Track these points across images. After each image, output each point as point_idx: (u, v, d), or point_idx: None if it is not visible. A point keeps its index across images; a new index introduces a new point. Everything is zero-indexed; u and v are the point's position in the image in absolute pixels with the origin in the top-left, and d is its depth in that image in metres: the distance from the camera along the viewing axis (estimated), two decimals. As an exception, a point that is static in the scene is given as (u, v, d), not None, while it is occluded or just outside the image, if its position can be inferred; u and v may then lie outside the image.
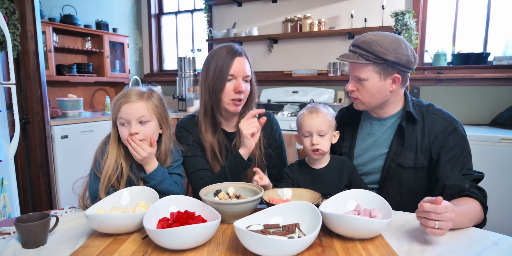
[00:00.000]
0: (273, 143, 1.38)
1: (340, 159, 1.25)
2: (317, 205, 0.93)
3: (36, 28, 2.52)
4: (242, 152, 1.19)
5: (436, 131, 1.17)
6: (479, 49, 2.89)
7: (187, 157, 1.30)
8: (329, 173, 1.22)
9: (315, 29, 3.30)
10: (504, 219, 2.15)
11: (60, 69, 3.37)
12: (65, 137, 2.86)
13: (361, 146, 1.30)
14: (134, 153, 1.11)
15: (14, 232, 0.96)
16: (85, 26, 3.61)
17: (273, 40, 3.62)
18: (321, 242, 0.87)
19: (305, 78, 3.44)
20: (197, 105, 3.69)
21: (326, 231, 0.92)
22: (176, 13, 4.40)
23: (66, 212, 1.14)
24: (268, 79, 3.63)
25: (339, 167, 1.22)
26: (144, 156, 1.11)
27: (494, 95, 2.74)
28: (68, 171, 2.84)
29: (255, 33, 3.61)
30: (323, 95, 3.33)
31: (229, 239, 0.90)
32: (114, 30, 3.90)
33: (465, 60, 2.83)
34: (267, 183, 1.19)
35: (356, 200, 1.01)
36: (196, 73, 3.86)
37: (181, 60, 3.82)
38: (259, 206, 1.05)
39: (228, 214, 0.96)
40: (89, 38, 3.73)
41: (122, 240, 0.89)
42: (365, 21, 3.13)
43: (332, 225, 0.88)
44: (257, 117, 1.22)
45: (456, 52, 2.91)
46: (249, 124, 1.18)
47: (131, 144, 1.11)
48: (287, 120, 2.91)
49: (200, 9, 4.08)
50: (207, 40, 3.89)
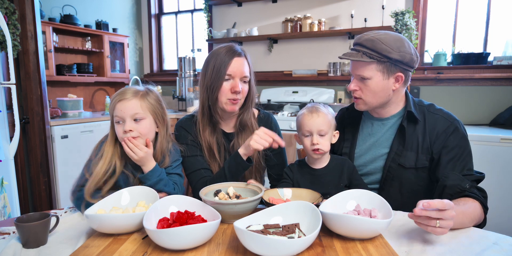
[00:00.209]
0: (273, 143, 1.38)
1: (340, 159, 1.25)
2: (317, 205, 0.92)
3: (36, 28, 2.52)
4: (242, 152, 1.19)
5: (437, 131, 1.17)
6: (479, 49, 2.89)
7: (187, 157, 1.30)
8: (329, 173, 1.22)
9: (315, 29, 3.30)
10: (504, 219, 2.15)
11: (60, 69, 3.37)
12: (65, 137, 2.86)
13: (362, 147, 1.29)
14: (130, 153, 1.10)
15: (14, 232, 0.96)
16: (85, 26, 3.61)
17: (273, 40, 3.62)
18: (321, 242, 0.87)
19: (305, 78, 3.44)
20: (197, 105, 3.69)
21: (326, 231, 0.92)
22: (176, 13, 4.40)
23: (66, 212, 1.14)
24: (268, 79, 3.63)
25: (339, 167, 1.22)
26: (141, 156, 1.11)
27: (494, 95, 2.74)
28: (68, 171, 2.84)
29: (255, 33, 3.61)
30: (323, 95, 3.33)
31: (229, 239, 0.90)
32: (114, 30, 3.90)
33: (465, 60, 2.83)
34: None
35: (356, 200, 1.01)
36: (196, 73, 3.86)
37: (181, 60, 3.82)
38: (259, 206, 1.05)
39: (228, 214, 0.96)
40: (89, 38, 3.73)
41: (122, 240, 0.89)
42: (365, 21, 3.13)
43: (332, 225, 0.88)
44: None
45: (456, 52, 2.91)
46: (261, 140, 1.13)
47: (128, 144, 1.10)
48: (287, 120, 2.91)
49: (200, 9, 4.08)
50: (207, 40, 3.89)
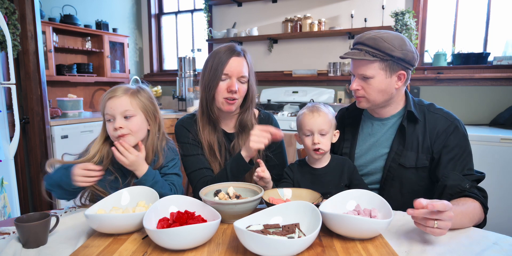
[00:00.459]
0: (273, 143, 1.38)
1: (341, 158, 1.25)
2: (317, 205, 0.92)
3: (36, 28, 2.52)
4: (244, 154, 1.18)
5: (437, 130, 1.16)
6: (479, 49, 2.89)
7: (187, 156, 1.30)
8: (330, 173, 1.22)
9: (315, 29, 3.30)
10: (504, 219, 2.15)
11: (60, 69, 3.37)
12: (65, 137, 2.85)
13: (362, 147, 1.29)
14: (121, 158, 1.09)
15: (14, 232, 0.96)
16: (85, 26, 3.61)
17: (273, 40, 3.62)
18: (321, 242, 0.87)
19: (305, 78, 3.44)
20: (197, 105, 3.69)
21: (326, 231, 0.92)
22: (176, 13, 4.40)
23: (66, 212, 1.14)
24: (268, 79, 3.63)
25: (339, 166, 1.22)
26: (132, 160, 1.09)
27: (494, 95, 2.74)
28: (68, 171, 2.84)
29: (255, 33, 3.61)
30: (323, 95, 3.33)
31: (229, 239, 0.90)
32: (114, 30, 3.90)
33: (465, 60, 2.83)
34: (268, 176, 1.16)
35: (356, 200, 1.01)
36: (196, 73, 3.86)
37: (181, 60, 3.82)
38: (259, 206, 1.05)
39: (228, 214, 0.96)
40: (89, 38, 3.73)
41: (122, 240, 0.89)
42: (365, 21, 3.13)
43: (332, 225, 0.88)
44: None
45: (456, 52, 2.91)
46: (260, 138, 1.13)
47: (119, 148, 1.09)
48: (287, 120, 2.91)
49: (200, 9, 4.08)
50: (207, 40, 3.89)
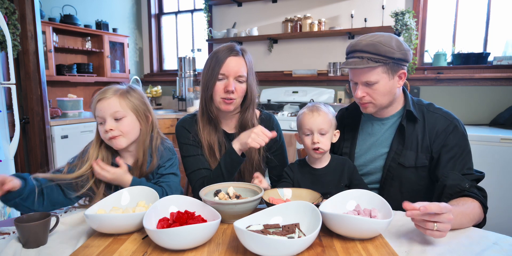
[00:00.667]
0: (274, 144, 1.38)
1: (341, 158, 1.25)
2: (317, 205, 0.92)
3: (36, 28, 2.52)
4: (237, 147, 1.19)
5: (437, 130, 1.17)
6: (479, 49, 2.89)
7: (187, 157, 1.30)
8: (330, 173, 1.22)
9: (315, 29, 3.30)
10: (504, 219, 2.15)
11: (60, 69, 3.37)
12: (65, 137, 2.86)
13: (362, 146, 1.29)
14: (100, 176, 1.10)
15: (14, 232, 0.96)
16: (85, 26, 3.61)
17: (273, 40, 3.62)
18: (321, 242, 0.87)
19: (305, 78, 3.44)
20: (197, 105, 3.70)
21: (326, 231, 0.92)
22: (176, 13, 4.40)
23: (66, 212, 1.14)
24: (268, 79, 3.63)
25: (339, 166, 1.22)
26: (110, 178, 1.10)
27: (494, 95, 2.74)
28: (68, 171, 2.84)
29: (255, 33, 3.61)
30: (323, 95, 3.33)
31: (229, 239, 0.90)
32: (114, 30, 3.90)
33: (465, 60, 2.83)
34: (265, 186, 1.18)
35: (356, 200, 1.01)
36: (196, 73, 3.86)
37: (181, 60, 3.82)
38: (259, 206, 1.05)
39: (228, 214, 0.96)
40: (89, 38, 3.73)
41: (122, 240, 0.89)
42: (365, 21, 3.13)
43: (332, 225, 0.88)
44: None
45: (456, 52, 2.91)
46: (259, 138, 1.15)
47: (94, 168, 1.10)
48: (287, 120, 2.91)
49: (200, 9, 4.08)
50: (207, 40, 3.89)
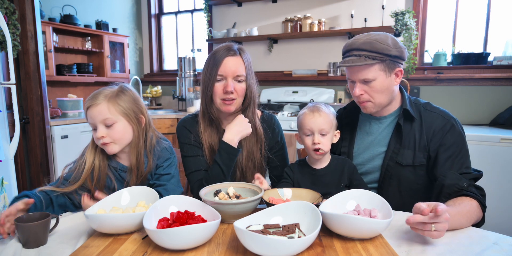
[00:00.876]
0: (275, 145, 1.38)
1: (341, 159, 1.25)
2: (317, 205, 0.93)
3: (36, 28, 2.52)
4: (229, 137, 1.21)
5: (434, 128, 1.17)
6: (479, 49, 2.89)
7: (187, 157, 1.30)
8: (330, 173, 1.22)
9: (315, 29, 3.30)
10: (504, 219, 2.15)
11: (60, 69, 3.37)
12: (65, 137, 2.86)
13: (360, 145, 1.30)
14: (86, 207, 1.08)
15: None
16: (85, 26, 3.61)
17: (273, 40, 3.62)
18: (321, 242, 0.87)
19: (305, 78, 3.44)
20: (196, 105, 3.70)
21: (326, 231, 0.92)
22: (176, 13, 4.40)
23: (66, 212, 1.14)
24: (268, 79, 3.63)
25: (339, 167, 1.22)
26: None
27: (494, 95, 2.74)
28: (68, 171, 2.84)
29: (255, 33, 3.61)
30: (323, 95, 3.33)
31: (229, 239, 0.90)
32: (114, 30, 3.90)
33: (465, 60, 2.83)
34: (266, 187, 1.18)
35: (356, 200, 1.01)
36: (196, 73, 3.86)
37: (181, 60, 3.82)
38: (259, 206, 1.05)
39: (228, 214, 0.96)
40: (89, 38, 3.73)
41: (122, 240, 0.89)
42: (365, 21, 3.13)
43: (332, 225, 0.88)
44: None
45: (456, 52, 2.91)
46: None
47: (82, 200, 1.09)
48: (287, 120, 2.91)
49: (200, 9, 4.08)
50: (207, 40, 3.89)
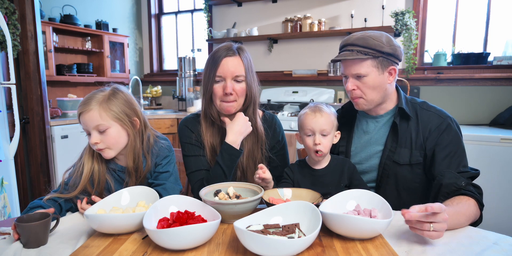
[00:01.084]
0: (276, 145, 1.38)
1: (341, 159, 1.25)
2: (317, 205, 0.93)
3: (36, 28, 2.52)
4: (232, 139, 1.20)
5: (430, 127, 1.18)
6: (479, 49, 2.89)
7: (188, 156, 1.30)
8: (330, 173, 1.22)
9: (315, 29, 3.30)
10: (504, 219, 2.15)
11: (60, 69, 3.37)
12: (65, 137, 2.86)
13: (357, 144, 1.30)
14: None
15: (14, 232, 0.96)
16: (85, 26, 3.61)
17: (273, 40, 3.62)
18: (321, 242, 0.87)
19: (305, 78, 3.44)
20: (197, 105, 3.70)
21: (326, 231, 0.92)
22: (176, 13, 4.40)
23: (66, 211, 1.14)
24: (268, 79, 3.63)
25: (339, 167, 1.22)
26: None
27: (494, 95, 2.74)
28: (68, 171, 2.84)
29: (255, 33, 3.61)
30: (323, 95, 3.33)
31: (229, 239, 0.90)
32: (114, 30, 3.90)
33: (465, 60, 2.83)
34: (269, 176, 1.16)
35: (356, 200, 1.01)
36: (196, 73, 3.86)
37: (181, 60, 3.82)
38: (259, 206, 1.05)
39: (228, 214, 0.96)
40: (89, 38, 3.73)
41: (122, 240, 0.89)
42: (365, 21, 3.13)
43: (332, 225, 0.88)
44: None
45: (456, 52, 2.91)
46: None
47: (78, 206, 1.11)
48: (287, 120, 2.91)
49: (200, 9, 4.08)
50: (207, 40, 3.89)
